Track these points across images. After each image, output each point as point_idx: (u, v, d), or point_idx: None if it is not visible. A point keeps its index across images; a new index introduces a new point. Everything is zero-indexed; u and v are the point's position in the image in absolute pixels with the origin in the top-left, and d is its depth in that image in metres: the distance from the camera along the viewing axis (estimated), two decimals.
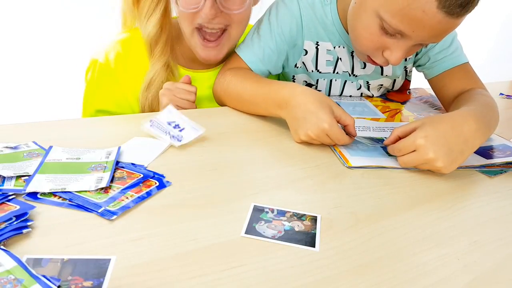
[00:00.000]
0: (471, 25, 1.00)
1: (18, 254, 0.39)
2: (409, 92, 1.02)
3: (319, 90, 0.94)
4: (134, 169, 0.57)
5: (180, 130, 0.67)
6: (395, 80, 0.97)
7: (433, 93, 0.98)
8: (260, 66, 0.86)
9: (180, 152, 0.64)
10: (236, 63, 0.87)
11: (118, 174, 0.55)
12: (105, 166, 0.56)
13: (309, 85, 0.94)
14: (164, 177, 0.56)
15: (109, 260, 0.41)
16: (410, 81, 1.03)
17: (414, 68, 0.98)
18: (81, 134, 0.69)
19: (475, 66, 0.90)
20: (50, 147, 0.60)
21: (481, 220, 0.54)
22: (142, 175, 0.56)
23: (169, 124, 0.67)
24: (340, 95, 0.96)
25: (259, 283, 0.40)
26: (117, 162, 0.58)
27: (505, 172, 0.66)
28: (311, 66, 0.91)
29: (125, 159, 0.60)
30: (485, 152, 0.70)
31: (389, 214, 0.53)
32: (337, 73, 0.92)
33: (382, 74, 0.93)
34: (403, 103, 0.95)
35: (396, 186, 0.60)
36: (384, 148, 0.69)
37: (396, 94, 1.00)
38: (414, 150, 0.61)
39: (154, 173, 0.57)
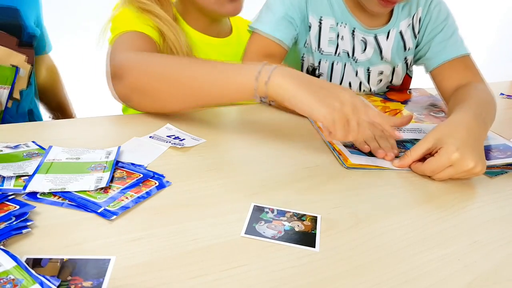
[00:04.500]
0: (471, 25, 1.01)
1: (17, 254, 0.39)
2: (409, 92, 1.02)
3: (321, 74, 0.95)
4: (134, 169, 0.57)
5: (181, 140, 0.66)
6: (394, 70, 0.97)
7: (433, 93, 0.98)
8: (281, 33, 0.87)
9: (180, 152, 0.64)
10: (260, 41, 0.88)
11: (117, 174, 0.55)
12: (105, 166, 0.56)
13: (314, 69, 0.95)
14: (164, 177, 0.56)
15: (108, 260, 0.41)
16: (411, 77, 1.03)
17: (415, 67, 0.98)
18: (81, 134, 0.69)
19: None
20: (50, 147, 0.60)
21: (481, 220, 0.54)
22: (141, 175, 0.55)
23: (169, 137, 0.67)
24: (340, 83, 0.96)
25: (259, 283, 0.40)
26: (117, 162, 0.58)
27: (506, 173, 0.65)
28: (314, 44, 0.91)
29: (125, 159, 0.60)
30: (485, 152, 0.70)
31: (389, 214, 0.53)
32: (339, 54, 0.92)
33: (382, 58, 0.93)
34: (403, 102, 0.95)
35: (397, 186, 0.60)
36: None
37: (396, 94, 1.00)
38: (450, 165, 0.60)
39: (154, 173, 0.57)
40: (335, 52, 0.92)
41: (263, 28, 0.87)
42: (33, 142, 0.62)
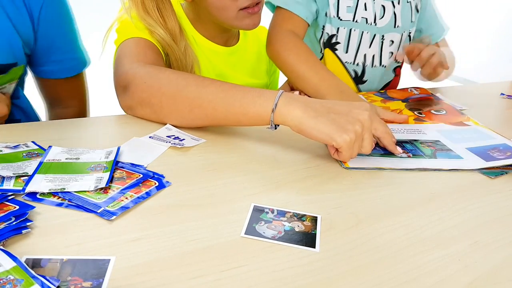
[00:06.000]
0: (471, 25, 1.02)
1: (17, 254, 0.39)
2: (410, 90, 1.02)
3: (338, 43, 0.99)
4: (134, 169, 0.57)
5: (181, 140, 0.66)
6: (401, 40, 1.03)
7: (434, 92, 0.98)
8: (306, 12, 0.93)
9: (180, 152, 0.64)
10: (288, 17, 0.93)
11: (117, 174, 0.55)
12: (105, 166, 0.56)
13: (331, 37, 0.99)
14: (163, 177, 0.56)
15: (108, 260, 0.41)
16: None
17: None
18: (81, 134, 0.69)
19: (476, 66, 0.91)
20: (50, 147, 0.60)
21: (482, 221, 0.53)
22: (141, 175, 0.55)
23: (169, 137, 0.67)
24: (356, 54, 0.99)
25: (259, 283, 0.40)
26: (117, 162, 0.58)
27: (506, 173, 0.65)
28: (333, 11, 0.95)
29: (124, 159, 0.59)
30: (485, 152, 0.70)
31: (389, 215, 0.53)
32: (356, 21, 0.97)
33: (395, 26, 1.00)
34: (404, 100, 0.95)
35: (397, 186, 0.60)
36: (382, 149, 0.69)
37: (396, 92, 1.01)
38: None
39: (154, 173, 0.56)
40: (353, 19, 0.97)
41: (287, 5, 0.92)
42: (33, 142, 0.62)
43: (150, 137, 0.67)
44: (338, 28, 0.98)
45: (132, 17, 0.79)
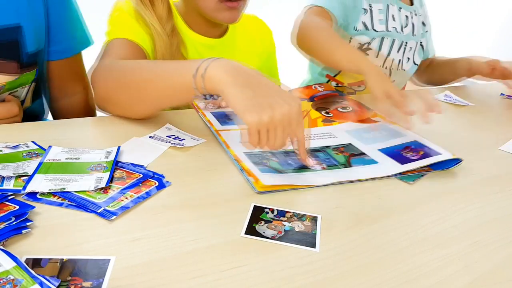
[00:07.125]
0: (472, 25, 1.02)
1: (17, 254, 0.39)
2: (314, 87, 0.98)
3: (371, 49, 1.07)
4: (134, 169, 0.57)
5: (181, 140, 0.66)
6: (416, 47, 1.14)
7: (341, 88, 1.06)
8: (337, 10, 0.99)
9: (180, 152, 0.64)
10: (321, 12, 0.98)
11: (117, 174, 0.55)
12: (105, 166, 0.56)
13: (362, 45, 1.06)
14: (163, 177, 0.56)
15: (108, 260, 0.41)
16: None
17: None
18: (81, 134, 0.69)
19: None
20: (50, 147, 0.60)
21: (481, 221, 0.53)
22: (141, 175, 0.55)
23: (169, 137, 0.67)
24: (386, 57, 1.09)
25: (259, 283, 0.40)
26: (117, 162, 0.58)
27: (423, 176, 0.63)
28: (369, 24, 1.04)
29: (124, 159, 0.59)
30: (397, 153, 0.67)
31: (389, 215, 0.53)
32: (389, 31, 1.07)
33: (413, 34, 1.12)
34: (310, 99, 0.91)
35: (397, 186, 0.60)
36: (295, 163, 0.63)
37: (302, 90, 0.96)
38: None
39: (154, 173, 0.56)
40: (386, 29, 1.06)
41: (325, 5, 0.98)
42: (33, 142, 0.62)
43: (150, 137, 0.67)
44: (373, 38, 1.06)
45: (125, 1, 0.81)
